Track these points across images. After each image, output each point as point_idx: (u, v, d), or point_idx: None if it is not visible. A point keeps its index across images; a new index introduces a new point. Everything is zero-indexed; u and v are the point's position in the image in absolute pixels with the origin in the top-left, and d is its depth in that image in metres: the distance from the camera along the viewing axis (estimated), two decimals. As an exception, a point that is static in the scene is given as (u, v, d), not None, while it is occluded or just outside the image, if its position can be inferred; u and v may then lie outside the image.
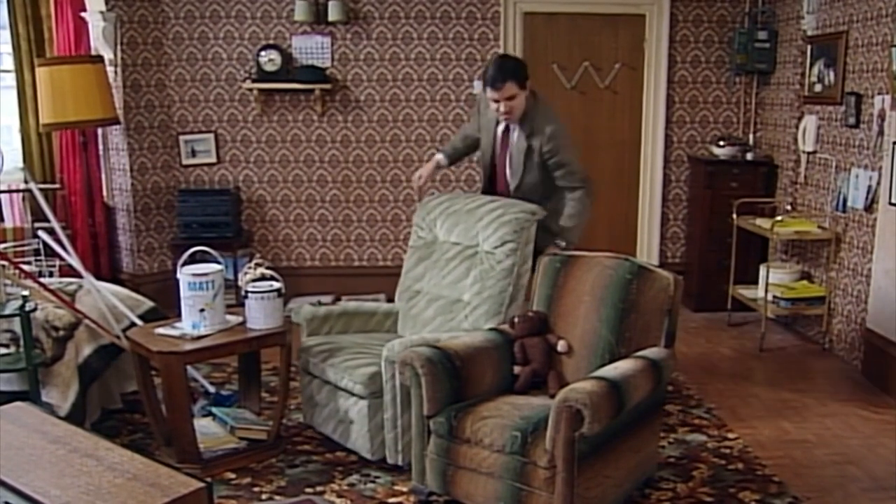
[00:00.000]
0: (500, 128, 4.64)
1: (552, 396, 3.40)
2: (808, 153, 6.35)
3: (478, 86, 7.02)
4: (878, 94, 5.40)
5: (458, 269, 4.36)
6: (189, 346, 3.98)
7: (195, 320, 4.09)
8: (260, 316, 4.15)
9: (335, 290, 7.03)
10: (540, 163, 4.53)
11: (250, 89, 6.90)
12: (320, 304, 4.72)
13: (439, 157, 5.00)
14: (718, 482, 4.04)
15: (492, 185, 4.77)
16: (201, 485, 2.14)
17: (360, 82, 7.02)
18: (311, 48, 6.91)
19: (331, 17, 6.75)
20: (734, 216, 6.46)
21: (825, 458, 4.37)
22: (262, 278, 4.25)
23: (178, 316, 4.20)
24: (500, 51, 6.99)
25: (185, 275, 4.09)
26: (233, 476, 4.05)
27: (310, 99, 6.97)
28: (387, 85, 7.04)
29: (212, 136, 7.04)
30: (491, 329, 3.98)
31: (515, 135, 4.57)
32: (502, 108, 4.42)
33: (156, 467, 2.27)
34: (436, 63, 7.03)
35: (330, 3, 6.72)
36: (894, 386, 5.16)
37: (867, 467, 4.27)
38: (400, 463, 4.01)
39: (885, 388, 5.25)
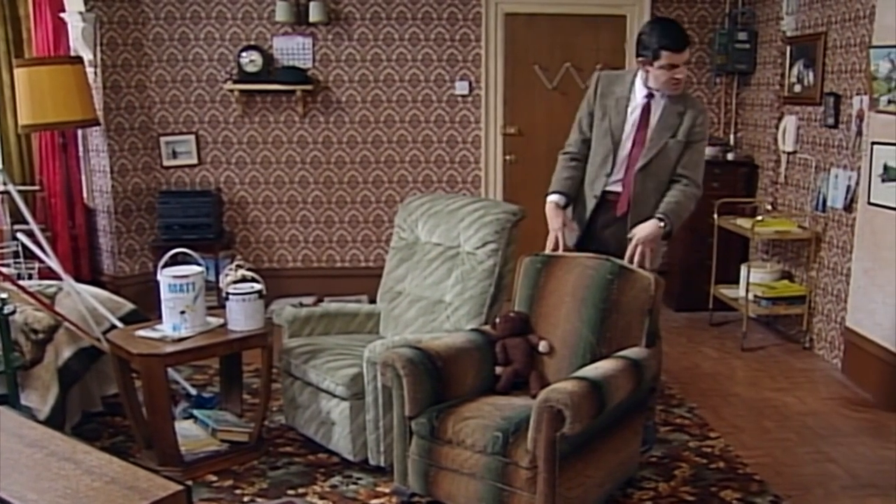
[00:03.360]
0: (639, 105, 4.13)
1: (534, 397, 3.41)
2: (788, 153, 6.39)
3: (461, 86, 7.03)
4: (857, 94, 5.44)
5: (439, 269, 4.36)
6: (169, 349, 3.96)
7: (176, 322, 4.07)
8: (241, 318, 4.13)
9: (317, 291, 7.02)
10: (682, 143, 4.11)
11: (231, 90, 6.88)
12: (302, 305, 4.71)
13: (555, 198, 4.24)
14: (700, 481, 4.06)
15: (608, 168, 4.20)
16: (180, 487, 2.13)
17: (342, 83, 7.01)
18: (293, 49, 6.89)
19: (312, 18, 6.73)
20: (715, 216, 6.48)
21: (806, 457, 4.39)
22: (243, 280, 4.23)
23: (159, 318, 4.18)
24: (482, 52, 7.00)
25: (165, 277, 4.07)
26: (214, 478, 4.03)
27: (291, 100, 6.96)
28: (368, 86, 7.03)
29: (193, 137, 7.01)
30: (472, 330, 3.98)
31: (660, 111, 4.12)
32: (679, 75, 4.02)
33: (134, 470, 2.26)
34: (417, 64, 7.02)
35: (311, 4, 6.71)
36: (874, 384, 5.20)
37: (847, 465, 4.29)
38: (382, 464, 4.00)
39: (865, 387, 5.28)
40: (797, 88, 6.24)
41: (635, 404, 3.70)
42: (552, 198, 4.22)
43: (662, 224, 3.97)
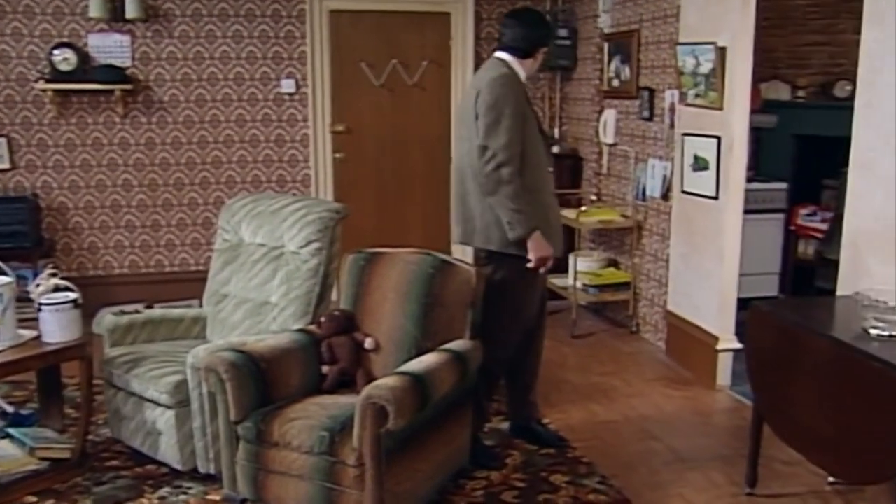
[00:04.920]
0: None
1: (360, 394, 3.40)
2: (610, 145, 6.63)
3: (287, 85, 6.94)
4: (668, 88, 5.69)
5: (264, 270, 4.29)
6: (-24, 366, 3.74)
7: (-17, 337, 3.84)
8: (55, 329, 3.94)
9: (147, 297, 6.76)
10: None
11: (44, 90, 6.53)
12: (123, 313, 4.54)
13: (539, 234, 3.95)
14: (531, 467, 4.15)
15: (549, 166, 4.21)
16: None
17: (164, 82, 6.78)
18: (109, 47, 6.61)
19: (128, 15, 6.46)
20: (543, 208, 6.64)
21: (631, 437, 4.57)
22: (57, 289, 4.04)
23: (-33, 334, 3.94)
24: (308, 50, 6.94)
25: (-32, 290, 3.84)
26: (34, 499, 3.83)
27: (110, 100, 6.67)
28: (191, 85, 6.84)
29: (4, 140, 6.62)
30: (298, 330, 3.93)
31: None
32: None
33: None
34: (241, 62, 6.88)
35: (127, 0, 6.44)
36: (694, 363, 5.46)
37: (669, 442, 4.49)
38: (212, 472, 3.90)
39: (686, 366, 5.55)
40: (615, 83, 6.48)
41: (462, 396, 3.74)
42: (539, 234, 3.93)
43: None
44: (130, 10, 6.45)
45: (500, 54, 4.11)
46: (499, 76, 3.97)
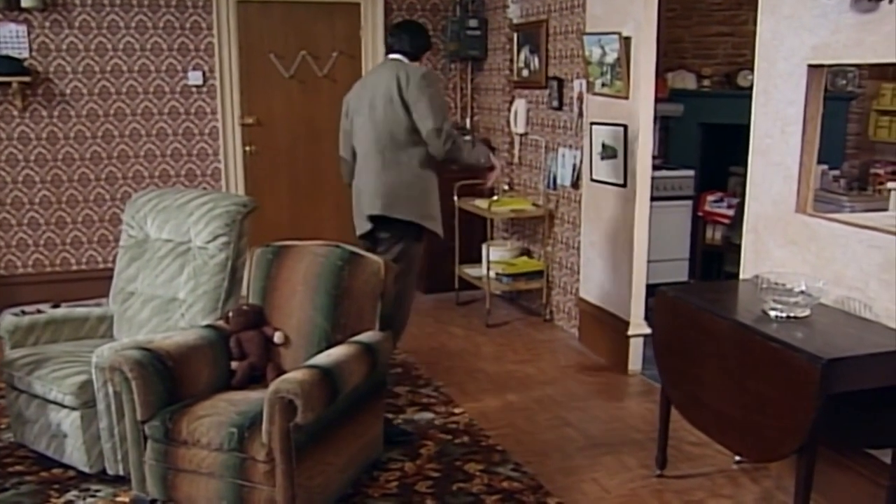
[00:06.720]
0: None
1: (271, 389, 3.36)
2: (520, 135, 6.68)
3: (194, 77, 6.81)
4: (576, 78, 5.76)
5: (171, 266, 4.21)
6: None
7: None
8: (-53, 332, 3.81)
9: (54, 297, 6.56)
10: None
11: (-65, 83, 6.29)
12: (24, 313, 4.41)
13: None
14: (445, 457, 4.17)
15: None
16: None
17: (65, 74, 6.58)
18: (5, 37, 6.35)
19: (24, 3, 6.24)
20: (455, 198, 6.65)
21: (545, 424, 4.61)
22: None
23: None
24: (215, 41, 6.81)
25: None
26: (-70, 510, 3.72)
27: (7, 93, 6.44)
28: (94, 77, 6.65)
29: None
30: (206, 326, 3.87)
31: None
32: None
33: None
34: (147, 53, 6.72)
35: (22, -12, 6.23)
36: (605, 349, 5.54)
37: (582, 428, 4.55)
38: (121, 473, 3.82)
39: (598, 352, 5.63)
40: (525, 73, 6.53)
41: (373, 387, 3.74)
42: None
43: None
44: (26, -1, 6.24)
45: (396, 56, 4.46)
46: (428, 70, 4.52)
